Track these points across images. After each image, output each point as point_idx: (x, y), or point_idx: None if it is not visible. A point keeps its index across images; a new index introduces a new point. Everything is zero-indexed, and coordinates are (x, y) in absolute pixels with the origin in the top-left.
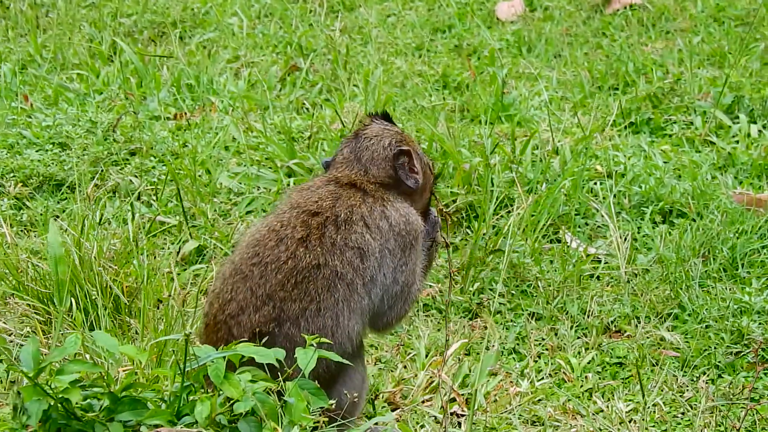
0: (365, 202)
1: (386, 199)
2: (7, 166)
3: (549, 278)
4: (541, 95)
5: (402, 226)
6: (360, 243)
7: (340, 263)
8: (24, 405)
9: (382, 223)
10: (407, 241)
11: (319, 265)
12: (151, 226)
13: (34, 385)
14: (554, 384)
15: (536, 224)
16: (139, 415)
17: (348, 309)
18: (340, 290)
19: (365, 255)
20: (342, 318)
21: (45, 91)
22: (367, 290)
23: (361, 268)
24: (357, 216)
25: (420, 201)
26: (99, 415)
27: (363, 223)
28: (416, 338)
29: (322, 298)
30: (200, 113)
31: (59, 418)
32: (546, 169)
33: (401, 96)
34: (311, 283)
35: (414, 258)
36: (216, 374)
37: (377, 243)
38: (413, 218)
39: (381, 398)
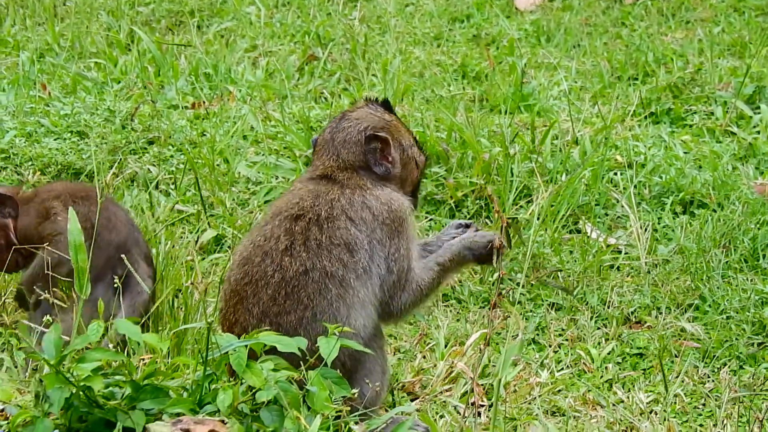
0: (344, 194)
1: (363, 186)
2: (26, 155)
3: (569, 268)
4: (560, 85)
5: (386, 214)
6: (346, 238)
7: (328, 262)
8: (46, 393)
9: (365, 213)
10: (393, 228)
11: (306, 271)
12: (169, 215)
13: (56, 372)
14: (574, 374)
15: (556, 214)
16: (161, 403)
17: (345, 306)
18: (332, 290)
19: (354, 249)
20: (340, 316)
21: (63, 79)
22: (363, 282)
23: (352, 262)
24: (338, 211)
25: (403, 189)
26: (121, 403)
27: (345, 217)
28: (435, 328)
29: (316, 302)
30: (218, 102)
31: (81, 405)
32: (566, 160)
33: (420, 85)
34: (302, 291)
35: (405, 244)
36: (238, 363)
37: (364, 235)
38: (396, 204)
39: (400, 388)
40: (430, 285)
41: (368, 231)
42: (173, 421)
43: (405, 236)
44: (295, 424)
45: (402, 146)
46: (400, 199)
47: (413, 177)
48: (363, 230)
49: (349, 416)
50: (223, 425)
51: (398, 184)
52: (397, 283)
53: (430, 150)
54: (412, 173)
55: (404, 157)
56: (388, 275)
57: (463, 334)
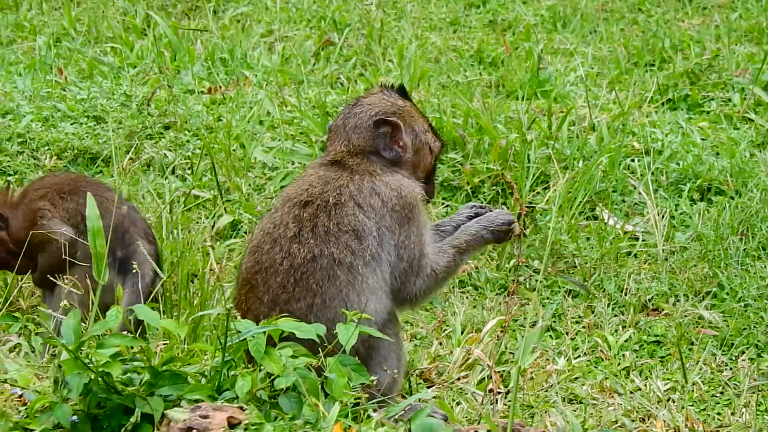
0: (353, 180)
1: (373, 172)
2: (42, 139)
3: (586, 255)
4: (577, 71)
5: (395, 200)
6: (354, 224)
7: (336, 249)
8: (65, 378)
9: (374, 200)
10: (403, 215)
11: (314, 257)
12: (185, 200)
13: (75, 358)
14: (591, 362)
15: (573, 201)
16: (179, 389)
17: (355, 292)
18: (341, 276)
19: (362, 235)
20: (350, 303)
21: (79, 64)
22: (372, 269)
23: (360, 249)
24: (346, 197)
25: (415, 175)
26: (139, 389)
27: (354, 203)
28: (452, 315)
29: (325, 288)
30: (234, 87)
31: (100, 391)
32: (583, 146)
33: (436, 71)
34: (310, 277)
35: (416, 230)
36: (257, 349)
37: (372, 222)
38: (406, 190)
39: (417, 375)
40: (446, 269)
41: (377, 218)
42: (192, 407)
43: (416, 223)
44: (313, 411)
45: (414, 131)
46: (410, 185)
47: (426, 163)
48: (371, 217)
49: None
50: (242, 412)
51: (410, 170)
52: (409, 270)
53: (446, 136)
54: (425, 159)
55: (416, 143)
56: (399, 262)
57: (479, 320)
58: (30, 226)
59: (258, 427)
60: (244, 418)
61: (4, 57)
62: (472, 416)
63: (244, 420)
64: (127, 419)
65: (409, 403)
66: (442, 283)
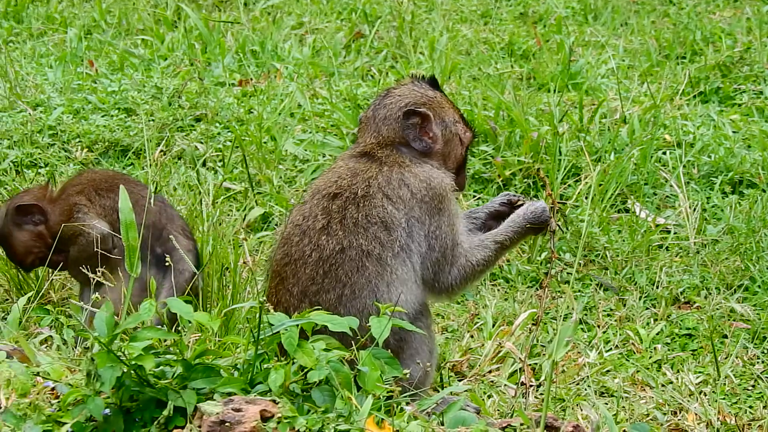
0: (381, 171)
1: (403, 163)
2: (73, 132)
3: (617, 248)
4: (608, 63)
5: (424, 191)
6: (382, 215)
7: (365, 241)
8: (97, 371)
9: (403, 191)
10: (433, 206)
11: (343, 249)
12: (216, 193)
13: (107, 351)
14: (623, 355)
15: (604, 194)
16: (212, 382)
17: (384, 283)
18: (369, 267)
19: (390, 227)
20: (379, 294)
21: (110, 56)
22: (401, 260)
23: (389, 240)
24: (374, 188)
25: (446, 166)
26: (172, 382)
27: (382, 195)
28: (483, 308)
29: (354, 280)
30: (265, 79)
31: (132, 384)
32: (614, 139)
33: (467, 63)
34: (339, 269)
35: (447, 220)
36: (290, 342)
37: (401, 213)
38: (436, 181)
39: (449, 368)
40: (485, 262)
41: (406, 209)
42: (224, 400)
43: (447, 213)
44: (346, 404)
45: (444, 122)
46: (440, 176)
47: (457, 154)
48: (400, 208)
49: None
50: (275, 405)
51: (440, 161)
52: (443, 260)
53: (477, 128)
54: (456, 150)
55: (447, 134)
56: (430, 252)
57: (511, 313)
58: (66, 220)
59: (291, 420)
60: (276, 412)
61: (35, 49)
62: (503, 409)
63: (276, 413)
64: (159, 412)
65: (442, 396)
66: (479, 275)
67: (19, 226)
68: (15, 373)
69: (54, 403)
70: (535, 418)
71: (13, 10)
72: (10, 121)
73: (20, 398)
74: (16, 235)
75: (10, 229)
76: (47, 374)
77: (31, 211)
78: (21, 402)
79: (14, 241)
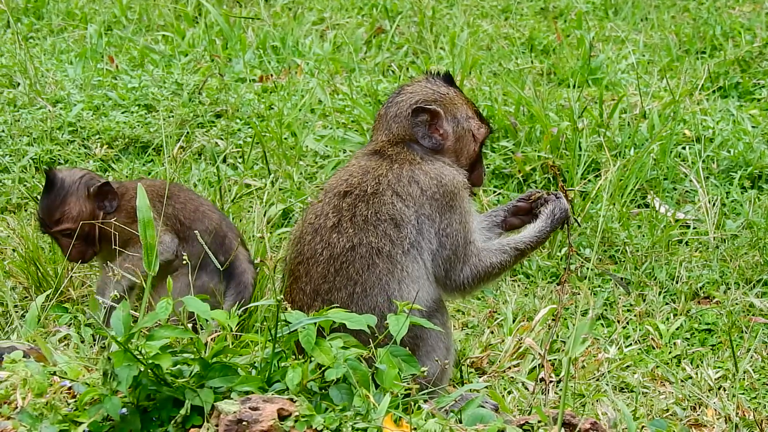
0: (392, 169)
1: (413, 161)
2: (93, 128)
3: (637, 243)
4: (628, 58)
5: (434, 189)
6: (392, 213)
7: (375, 238)
8: (114, 370)
9: (413, 188)
10: (443, 203)
11: (353, 246)
12: (237, 189)
13: (124, 350)
14: (642, 350)
15: (624, 189)
16: (229, 381)
17: (395, 281)
18: (380, 265)
19: (400, 224)
20: (390, 291)
21: (130, 52)
22: (412, 257)
23: (398, 238)
24: (384, 186)
25: (459, 163)
26: (189, 381)
27: (392, 192)
28: (503, 303)
29: (365, 278)
30: (286, 75)
31: (149, 384)
32: (634, 134)
33: (487, 59)
34: (350, 266)
35: (459, 218)
36: (307, 340)
37: (411, 210)
38: (447, 178)
39: (468, 364)
40: (500, 266)
41: (416, 206)
42: (242, 399)
43: (458, 210)
44: (364, 402)
45: (456, 119)
46: (452, 173)
47: (470, 150)
48: (410, 205)
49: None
50: (292, 403)
51: (453, 158)
52: (454, 258)
53: (497, 124)
54: (469, 146)
55: (458, 130)
56: (441, 250)
57: (531, 309)
58: (130, 223)
59: (308, 419)
60: (294, 410)
61: (55, 45)
62: (523, 406)
63: (294, 412)
64: (177, 411)
65: (460, 394)
66: (493, 277)
67: (90, 199)
68: (31, 372)
69: (71, 402)
70: (553, 415)
71: (34, 6)
72: (30, 118)
73: (36, 398)
74: (79, 205)
75: (78, 197)
76: (64, 373)
77: (109, 197)
78: (37, 402)
79: (72, 209)
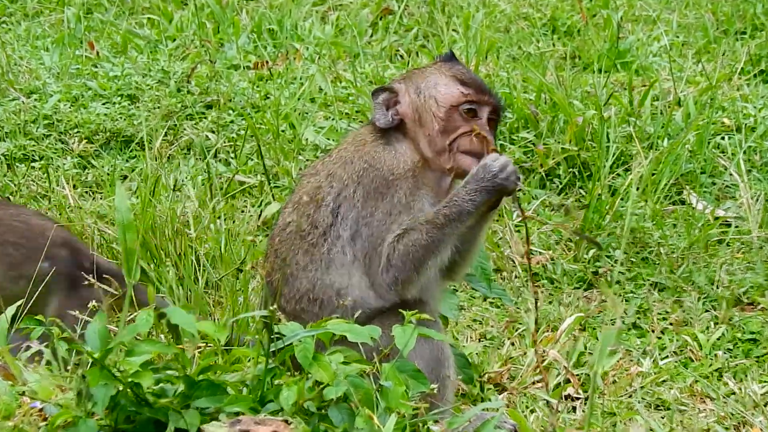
0: (339, 150)
1: (361, 141)
2: (71, 121)
3: (672, 244)
4: (660, 40)
5: (362, 172)
6: (312, 193)
7: (299, 217)
8: (89, 390)
9: (342, 169)
10: (370, 189)
11: (285, 225)
12: (229, 187)
13: (100, 368)
14: (680, 363)
15: (657, 184)
16: (218, 401)
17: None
18: (303, 246)
19: (321, 205)
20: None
21: (112, 37)
22: (331, 243)
23: (316, 219)
24: (322, 165)
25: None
26: (173, 401)
27: (326, 173)
28: (525, 312)
29: (291, 260)
30: (283, 62)
31: (128, 404)
32: (667, 123)
33: (505, 42)
34: (283, 245)
35: (386, 208)
36: (304, 355)
37: (334, 191)
38: (383, 162)
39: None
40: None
41: (339, 187)
42: (231, 421)
43: (389, 201)
44: (367, 423)
45: (418, 89)
46: (396, 157)
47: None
48: (334, 185)
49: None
50: (287, 425)
51: (418, 137)
52: (372, 252)
53: (517, 113)
54: (430, 116)
55: (417, 101)
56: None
57: (556, 318)
58: None
59: None
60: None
61: (30, 30)
62: (547, 426)
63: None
64: None
65: (475, 413)
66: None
67: None
68: None
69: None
70: None
71: None
72: (2, 111)
73: (4, 420)
74: None
75: None
76: (34, 393)
77: None
78: (4, 425)
79: None
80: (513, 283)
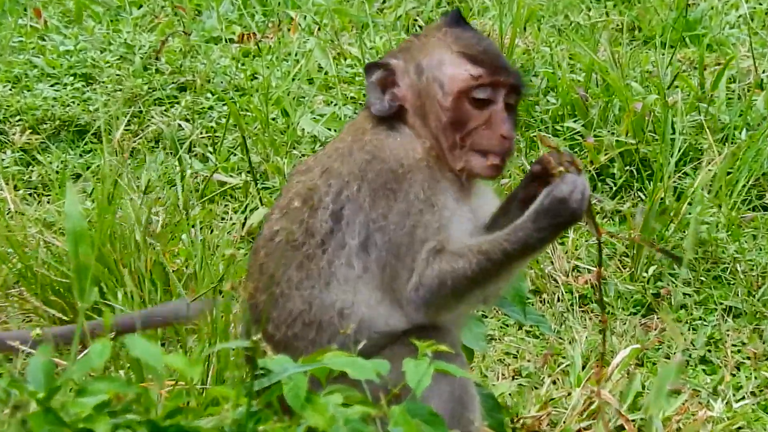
0: (335, 141)
1: (359, 130)
2: (12, 107)
3: (751, 260)
4: (739, 8)
5: (365, 165)
6: (305, 194)
7: (290, 224)
8: None
9: (336, 163)
10: (377, 185)
11: (274, 233)
12: (206, 188)
13: (45, 410)
14: (758, 406)
15: (733, 185)
16: None
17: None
18: (296, 259)
19: (318, 208)
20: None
21: (64, 3)
22: (332, 253)
23: (311, 226)
24: (315, 161)
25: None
26: None
27: (321, 169)
28: (569, 343)
29: (281, 277)
30: (275, 34)
31: None
32: (746, 111)
33: (548, 10)
34: (270, 260)
35: (404, 207)
36: (295, 395)
37: (333, 190)
38: (390, 152)
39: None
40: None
41: (339, 185)
42: None
43: (404, 198)
44: None
45: (420, 68)
46: (402, 145)
47: (438, 108)
48: (333, 184)
49: None
50: None
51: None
52: (394, 261)
53: (562, 98)
54: (434, 102)
55: (419, 83)
56: (373, 248)
57: (607, 350)
58: None
59: None
60: None
61: None
62: None
63: None
64: None
65: None
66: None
67: None
68: None
69: None
70: None
71: None
72: None
73: None
74: None
75: None
76: None
77: None
78: None
79: None
80: (555, 308)
